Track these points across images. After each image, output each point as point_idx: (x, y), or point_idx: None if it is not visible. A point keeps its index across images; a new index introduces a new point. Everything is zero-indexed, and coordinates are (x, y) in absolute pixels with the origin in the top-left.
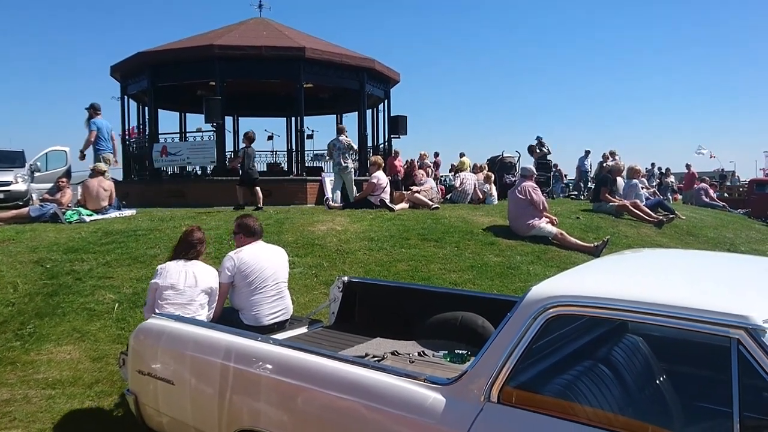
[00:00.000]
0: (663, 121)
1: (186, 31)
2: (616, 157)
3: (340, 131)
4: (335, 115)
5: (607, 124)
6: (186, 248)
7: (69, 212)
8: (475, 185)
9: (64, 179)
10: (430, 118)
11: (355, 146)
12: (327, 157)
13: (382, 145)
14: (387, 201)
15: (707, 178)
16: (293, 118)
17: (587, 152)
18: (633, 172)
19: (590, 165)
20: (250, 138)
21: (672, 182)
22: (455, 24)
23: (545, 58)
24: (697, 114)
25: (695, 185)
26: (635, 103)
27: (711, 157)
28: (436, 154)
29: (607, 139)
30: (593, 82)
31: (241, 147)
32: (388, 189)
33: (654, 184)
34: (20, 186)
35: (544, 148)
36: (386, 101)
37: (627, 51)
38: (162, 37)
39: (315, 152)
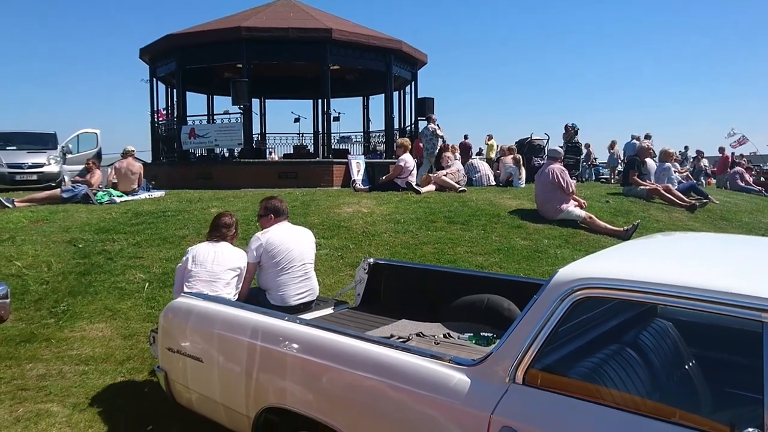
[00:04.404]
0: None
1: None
2: (647, 141)
3: (429, 120)
4: (362, 97)
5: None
6: (214, 231)
7: (100, 193)
8: (486, 170)
9: (93, 161)
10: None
11: (441, 133)
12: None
13: (408, 128)
14: (413, 183)
15: (744, 162)
16: (320, 100)
17: (634, 137)
18: (666, 156)
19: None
20: None
21: (705, 166)
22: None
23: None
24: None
25: (729, 169)
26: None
27: (733, 146)
28: (465, 137)
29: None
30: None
31: None
32: (414, 172)
33: (687, 167)
34: (53, 168)
35: (576, 135)
36: (413, 83)
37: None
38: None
39: (341, 134)
